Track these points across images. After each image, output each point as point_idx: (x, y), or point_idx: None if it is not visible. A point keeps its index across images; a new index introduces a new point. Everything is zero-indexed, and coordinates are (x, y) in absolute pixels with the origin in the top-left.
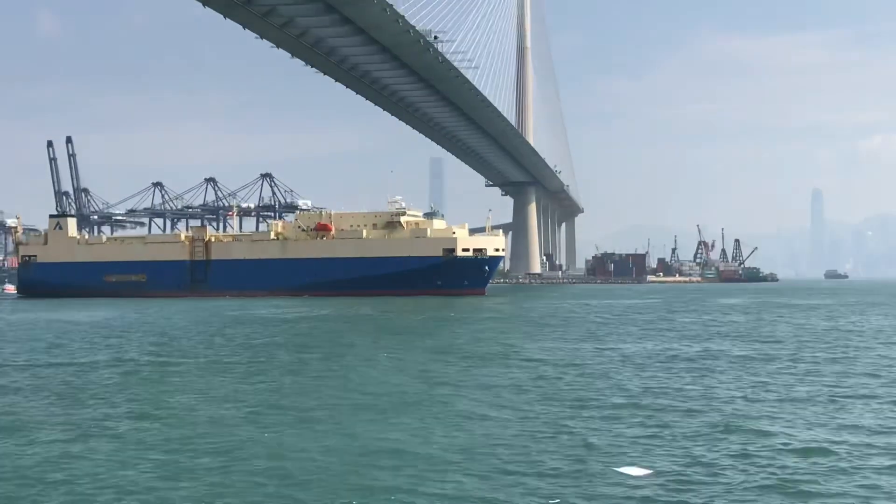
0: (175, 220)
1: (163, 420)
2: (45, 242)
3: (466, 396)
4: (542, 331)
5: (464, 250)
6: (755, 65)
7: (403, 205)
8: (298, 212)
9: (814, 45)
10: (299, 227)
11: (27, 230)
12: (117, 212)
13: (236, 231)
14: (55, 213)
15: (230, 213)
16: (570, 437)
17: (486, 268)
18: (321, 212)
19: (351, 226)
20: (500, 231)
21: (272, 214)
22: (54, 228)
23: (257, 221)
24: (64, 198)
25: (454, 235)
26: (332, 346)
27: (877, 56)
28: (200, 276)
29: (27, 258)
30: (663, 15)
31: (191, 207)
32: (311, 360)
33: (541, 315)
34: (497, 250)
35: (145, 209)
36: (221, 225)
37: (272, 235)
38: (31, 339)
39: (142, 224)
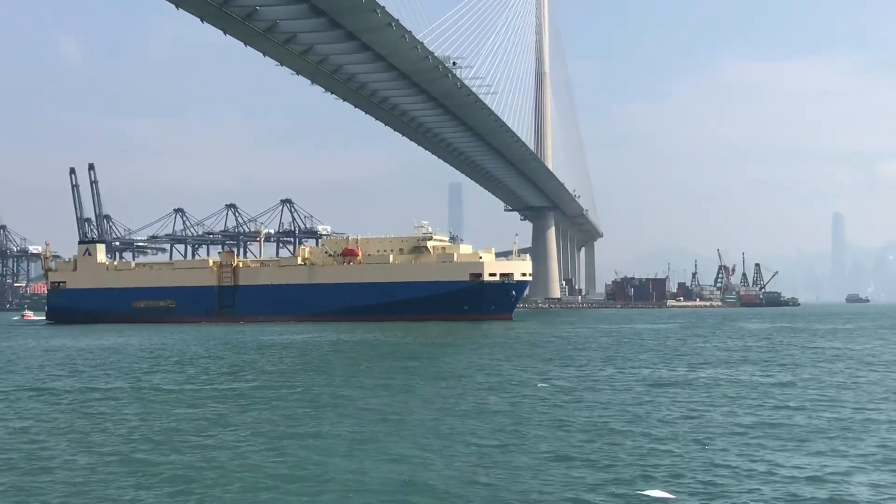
0: (196, 246)
1: (180, 448)
2: (75, 269)
3: (487, 424)
4: (568, 357)
5: (490, 275)
6: (774, 89)
7: (430, 230)
8: (325, 237)
9: (833, 69)
10: (326, 252)
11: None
12: (139, 238)
13: (258, 256)
14: (80, 239)
15: (258, 238)
16: (590, 463)
17: (513, 293)
18: (348, 237)
19: (378, 251)
20: (528, 255)
21: (292, 240)
22: (83, 255)
23: (277, 247)
24: (86, 224)
25: (481, 260)
26: (350, 373)
27: None
28: (228, 301)
29: (56, 284)
30: (681, 40)
31: (211, 233)
32: (326, 387)
33: (566, 340)
34: (524, 275)
35: (167, 235)
36: (242, 251)
37: (299, 261)
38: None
39: (163, 250)
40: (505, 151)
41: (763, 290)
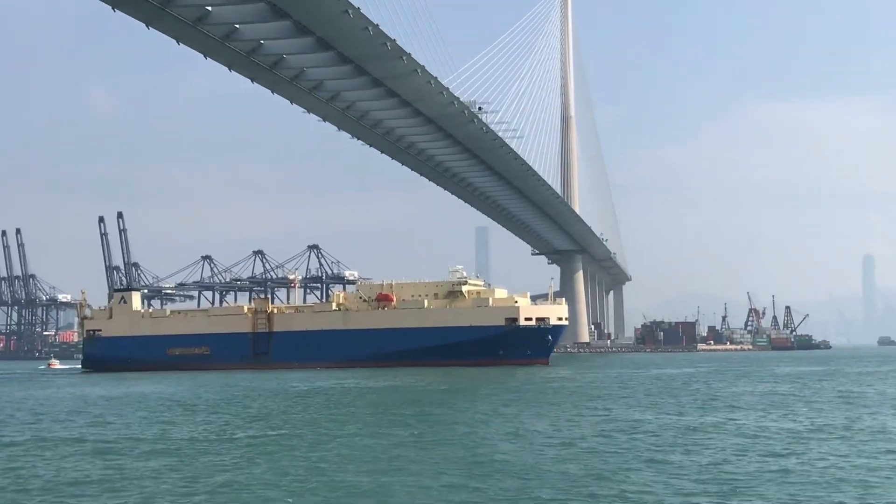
0: (224, 292)
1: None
2: (110, 317)
3: (500, 472)
4: (604, 403)
5: (526, 319)
6: (801, 131)
7: (465, 274)
8: (360, 282)
9: (861, 109)
10: (361, 297)
11: (70, 304)
12: (167, 285)
13: (288, 302)
14: (108, 287)
15: (292, 284)
16: None
17: (550, 337)
18: (383, 282)
19: (412, 296)
20: (563, 299)
21: (319, 286)
22: (119, 302)
23: (304, 293)
24: (115, 272)
25: (516, 304)
26: (376, 421)
27: None
28: (263, 348)
29: (92, 332)
30: (708, 84)
31: (239, 280)
32: (350, 437)
33: (594, 383)
34: (560, 319)
35: (195, 282)
36: (270, 297)
37: (334, 306)
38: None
39: (191, 297)
40: (531, 195)
41: (794, 334)
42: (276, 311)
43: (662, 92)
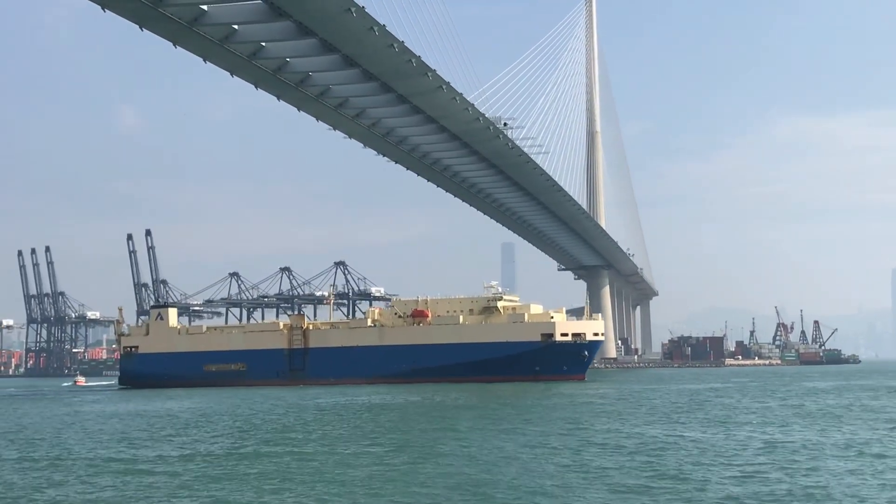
0: (251, 309)
1: None
2: (147, 333)
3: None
4: (635, 417)
5: (562, 335)
6: (828, 144)
7: (500, 290)
8: (394, 298)
9: (887, 121)
10: (396, 313)
11: (99, 321)
12: (195, 302)
13: (316, 318)
14: (137, 304)
15: (328, 301)
16: None
17: (586, 353)
18: (417, 298)
19: (447, 311)
20: (600, 315)
21: (346, 302)
22: (155, 319)
23: (331, 309)
24: (143, 290)
25: (552, 320)
26: (396, 441)
27: None
28: (299, 364)
29: (129, 349)
30: (734, 98)
31: (266, 297)
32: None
33: (637, 399)
34: (596, 335)
35: (222, 299)
36: (297, 313)
37: (369, 322)
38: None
39: (219, 314)
40: (557, 210)
41: (823, 348)
42: (311, 327)
43: (688, 106)
